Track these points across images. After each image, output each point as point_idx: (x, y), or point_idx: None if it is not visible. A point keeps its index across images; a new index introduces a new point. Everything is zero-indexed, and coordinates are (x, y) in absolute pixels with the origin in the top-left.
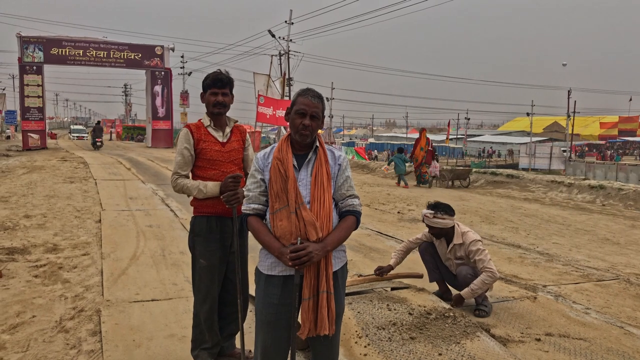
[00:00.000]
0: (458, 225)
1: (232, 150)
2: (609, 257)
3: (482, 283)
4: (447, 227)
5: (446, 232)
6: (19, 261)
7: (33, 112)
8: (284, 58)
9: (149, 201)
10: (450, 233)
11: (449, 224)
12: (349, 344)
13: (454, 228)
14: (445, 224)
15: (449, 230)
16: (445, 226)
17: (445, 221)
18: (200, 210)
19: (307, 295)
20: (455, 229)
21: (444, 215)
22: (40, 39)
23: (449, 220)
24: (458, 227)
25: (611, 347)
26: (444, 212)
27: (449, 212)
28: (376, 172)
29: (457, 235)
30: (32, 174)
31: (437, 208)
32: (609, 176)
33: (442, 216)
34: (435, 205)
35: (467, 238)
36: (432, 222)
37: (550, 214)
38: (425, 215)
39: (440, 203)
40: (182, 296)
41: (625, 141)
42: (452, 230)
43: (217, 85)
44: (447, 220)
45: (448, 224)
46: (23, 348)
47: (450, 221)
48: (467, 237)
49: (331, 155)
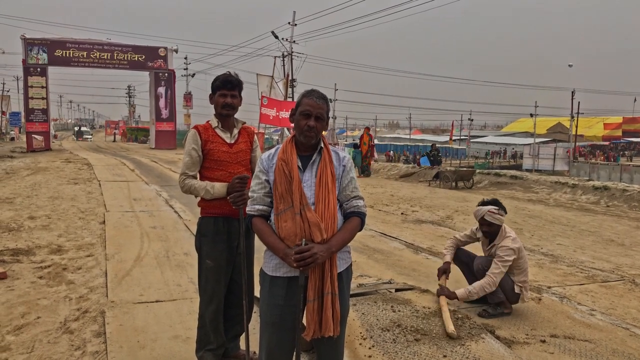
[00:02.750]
0: (505, 228)
1: (240, 152)
2: (613, 258)
3: (480, 288)
4: (502, 223)
5: (497, 230)
6: (23, 262)
7: (37, 114)
8: (287, 59)
9: (153, 202)
10: (497, 231)
11: (503, 221)
12: (354, 346)
13: (501, 228)
14: (502, 221)
15: (499, 229)
16: (501, 222)
17: (504, 217)
18: (208, 211)
19: (311, 297)
20: (502, 230)
21: (503, 212)
22: (44, 41)
23: (503, 218)
24: (504, 230)
25: (616, 349)
26: (503, 209)
27: (504, 210)
28: (379, 174)
29: (500, 236)
30: (36, 175)
31: (499, 204)
32: (613, 177)
33: (502, 212)
34: (495, 202)
35: (503, 242)
36: (495, 218)
37: (554, 215)
38: (489, 211)
39: (497, 200)
40: (186, 297)
41: (630, 142)
42: (499, 230)
43: (227, 87)
44: (503, 218)
45: (503, 221)
46: (28, 349)
47: (503, 219)
48: (504, 242)
49: (336, 157)
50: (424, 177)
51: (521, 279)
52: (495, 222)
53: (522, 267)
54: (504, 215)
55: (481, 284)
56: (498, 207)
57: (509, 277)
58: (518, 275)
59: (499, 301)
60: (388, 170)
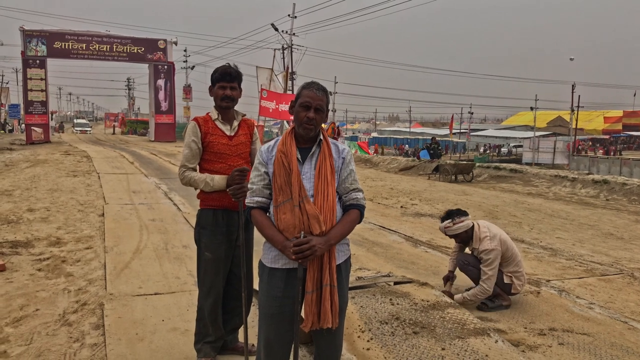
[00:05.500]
0: (478, 227)
1: (240, 144)
2: (612, 251)
3: (474, 296)
4: (468, 227)
5: (468, 234)
6: (22, 254)
7: (36, 106)
8: (287, 52)
9: (152, 195)
10: (470, 235)
11: (469, 224)
12: (352, 338)
13: (473, 230)
14: (467, 225)
15: (470, 232)
16: (467, 227)
17: (465, 222)
18: (207, 203)
19: (310, 289)
20: (475, 233)
21: (461, 217)
22: (43, 33)
23: (467, 221)
24: (477, 231)
25: (615, 342)
26: (459, 214)
27: (463, 213)
28: (379, 167)
29: (475, 239)
30: (35, 168)
31: (451, 214)
32: (612, 171)
33: (460, 219)
34: (448, 214)
35: (481, 246)
36: (454, 230)
37: (553, 209)
38: (445, 227)
39: (450, 210)
40: (185, 290)
41: (630, 136)
42: (471, 232)
43: (226, 79)
44: (466, 221)
45: (468, 224)
46: (26, 341)
47: (469, 221)
48: (482, 245)
49: (335, 149)
50: (424, 170)
51: (510, 269)
52: (458, 232)
53: (509, 258)
54: (465, 218)
55: (474, 293)
56: (452, 218)
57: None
58: (507, 267)
59: (494, 294)
60: (388, 164)
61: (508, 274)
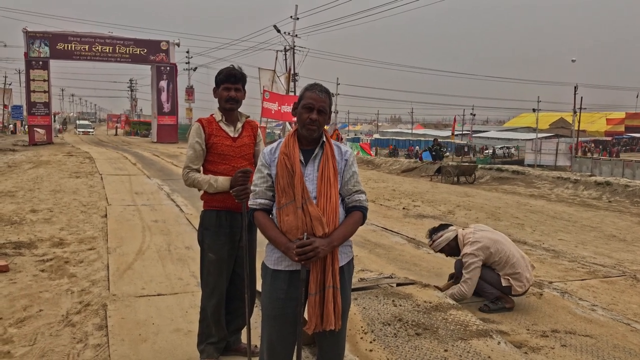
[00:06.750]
0: (462, 235)
1: (243, 145)
2: (615, 253)
3: (451, 295)
4: (449, 239)
5: (451, 245)
6: (25, 255)
7: (39, 107)
8: (289, 53)
9: (155, 196)
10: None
11: (451, 236)
12: (355, 340)
13: (457, 239)
14: (448, 237)
15: (453, 243)
16: (449, 239)
17: (447, 234)
18: (210, 204)
19: (313, 291)
20: (459, 241)
21: (439, 233)
22: (46, 34)
23: (448, 233)
24: (462, 238)
25: (618, 344)
26: (437, 229)
27: (441, 228)
28: (381, 168)
29: (461, 246)
30: (38, 169)
31: (431, 232)
32: (615, 172)
33: (438, 235)
34: (429, 232)
35: (463, 250)
36: (435, 246)
37: (556, 211)
38: (429, 245)
39: (431, 228)
40: (187, 291)
41: (632, 137)
42: (455, 242)
43: (230, 80)
44: (448, 233)
45: (450, 236)
46: (30, 342)
47: (451, 232)
48: (463, 250)
49: (338, 151)
50: (426, 171)
51: (507, 271)
52: (440, 247)
53: (501, 261)
54: (443, 232)
55: (452, 292)
56: (430, 237)
57: (495, 273)
58: (502, 269)
59: (494, 297)
60: (390, 165)
61: (505, 276)
